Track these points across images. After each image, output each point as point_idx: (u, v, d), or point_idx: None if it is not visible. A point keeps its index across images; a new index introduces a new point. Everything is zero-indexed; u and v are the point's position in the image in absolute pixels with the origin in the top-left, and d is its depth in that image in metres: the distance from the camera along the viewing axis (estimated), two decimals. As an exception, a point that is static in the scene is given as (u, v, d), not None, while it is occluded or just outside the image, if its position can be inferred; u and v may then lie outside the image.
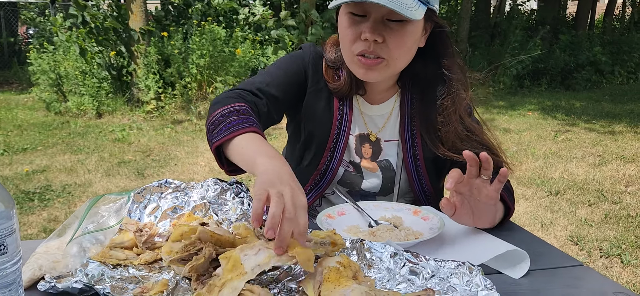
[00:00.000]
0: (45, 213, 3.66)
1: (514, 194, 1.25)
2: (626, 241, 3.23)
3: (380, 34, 1.11)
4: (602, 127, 6.71)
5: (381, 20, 1.12)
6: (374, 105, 1.33)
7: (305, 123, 1.33)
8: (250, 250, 0.83)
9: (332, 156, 1.32)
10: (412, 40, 1.16)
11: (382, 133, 1.34)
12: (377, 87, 1.31)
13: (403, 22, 1.12)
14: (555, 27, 12.13)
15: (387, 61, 1.16)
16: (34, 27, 14.09)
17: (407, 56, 1.20)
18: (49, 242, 0.92)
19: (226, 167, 1.12)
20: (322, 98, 1.31)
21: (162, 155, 5.20)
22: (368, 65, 1.16)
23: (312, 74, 1.31)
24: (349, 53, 1.18)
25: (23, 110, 7.93)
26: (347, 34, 1.16)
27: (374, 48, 1.13)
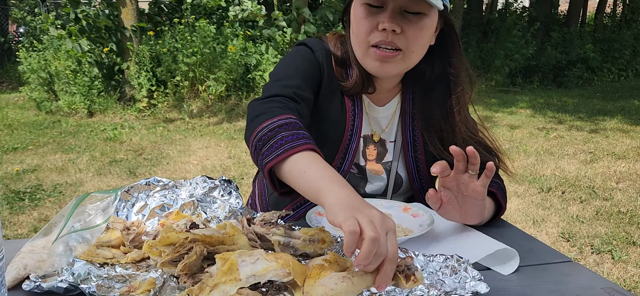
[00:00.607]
0: (35, 213, 3.63)
1: (507, 191, 1.25)
2: (617, 238, 3.25)
3: (398, 25, 1.08)
4: (593, 124, 6.75)
5: (399, 11, 1.10)
6: (379, 106, 1.30)
7: (318, 124, 1.25)
8: (249, 257, 0.82)
9: (343, 158, 1.28)
10: (428, 34, 1.14)
11: (386, 134, 1.32)
12: (385, 86, 1.27)
13: (420, 14, 1.10)
14: (547, 25, 12.18)
15: (404, 53, 1.13)
16: (24, 25, 13.98)
17: (422, 51, 1.17)
18: (34, 241, 0.91)
19: (279, 189, 1.02)
20: (335, 100, 1.25)
21: (154, 154, 5.17)
22: (384, 58, 1.12)
23: (326, 73, 1.24)
24: (364, 45, 1.14)
25: (13, 109, 7.86)
26: (363, 25, 1.12)
27: (392, 38, 1.10)
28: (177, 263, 0.85)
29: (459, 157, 0.96)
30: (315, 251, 0.92)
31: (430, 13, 1.10)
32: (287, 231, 0.94)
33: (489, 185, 1.06)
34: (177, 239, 0.88)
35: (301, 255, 0.93)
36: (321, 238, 0.91)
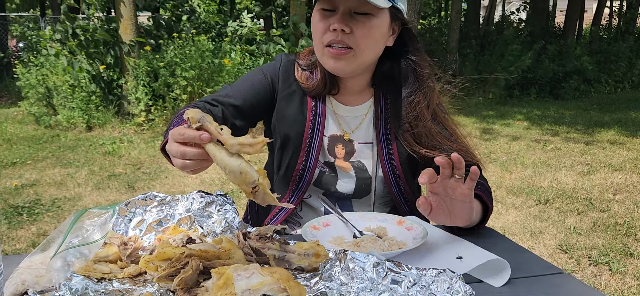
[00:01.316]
0: (34, 228, 3.64)
1: (505, 202, 1.28)
2: (614, 249, 3.26)
3: (347, 25, 1.18)
4: (590, 135, 6.78)
5: (349, 13, 1.20)
6: (348, 106, 1.37)
7: (279, 126, 1.37)
8: (244, 271, 0.83)
9: (308, 156, 1.35)
10: (378, 32, 1.22)
11: (355, 134, 1.37)
12: (351, 88, 1.35)
13: (369, 15, 1.19)
14: (543, 37, 12.27)
15: (355, 51, 1.21)
16: (23, 40, 14.05)
17: (374, 49, 1.25)
18: (32, 257, 0.92)
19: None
20: (294, 101, 1.36)
21: (153, 168, 5.18)
22: (336, 55, 1.22)
23: (282, 79, 1.37)
24: (319, 45, 1.24)
25: (12, 124, 7.88)
26: (318, 28, 1.23)
27: (342, 37, 1.20)
28: (173, 277, 0.86)
29: (445, 164, 0.99)
30: (310, 265, 0.93)
31: (378, 14, 1.20)
32: (283, 246, 0.96)
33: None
34: (173, 254, 0.89)
35: (296, 269, 0.94)
36: (316, 252, 0.92)
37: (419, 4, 6.12)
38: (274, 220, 1.41)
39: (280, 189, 1.40)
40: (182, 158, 0.98)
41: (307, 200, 1.42)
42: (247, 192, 0.93)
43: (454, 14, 11.21)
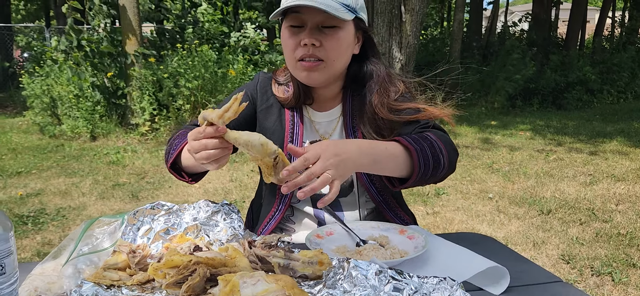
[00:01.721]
0: (39, 237, 3.66)
1: (507, 212, 1.29)
2: (617, 260, 3.26)
3: (317, 39, 1.26)
4: (593, 146, 6.79)
5: (317, 28, 1.27)
6: (322, 112, 1.44)
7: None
8: (250, 278, 0.85)
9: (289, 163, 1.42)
10: (345, 43, 1.30)
11: (333, 137, 1.44)
12: (323, 95, 1.43)
13: (335, 28, 1.27)
14: (545, 48, 12.31)
15: (326, 63, 1.29)
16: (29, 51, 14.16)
17: (343, 58, 1.32)
18: (44, 264, 0.94)
19: (188, 178, 1.34)
20: (273, 113, 1.45)
21: (157, 178, 5.21)
22: (309, 68, 1.29)
23: (260, 95, 1.47)
24: (292, 60, 1.31)
25: (17, 133, 7.94)
26: (289, 44, 1.30)
27: (312, 51, 1.27)
28: (181, 284, 0.89)
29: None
30: (314, 273, 0.95)
31: (343, 26, 1.28)
32: (287, 254, 0.98)
33: (397, 136, 1.25)
34: (181, 262, 0.92)
35: (300, 276, 0.97)
36: (320, 260, 0.94)
37: (421, 15, 6.16)
38: (266, 228, 1.46)
39: (268, 198, 1.48)
40: (205, 150, 1.05)
41: (296, 205, 1.47)
42: (268, 166, 1.02)
43: (456, 24, 11.26)
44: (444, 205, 4.42)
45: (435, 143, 1.21)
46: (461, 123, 8.42)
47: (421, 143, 1.19)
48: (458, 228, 3.88)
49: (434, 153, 1.19)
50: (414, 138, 1.20)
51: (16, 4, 23.20)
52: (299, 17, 1.26)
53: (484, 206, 4.38)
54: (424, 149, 1.18)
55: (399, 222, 1.40)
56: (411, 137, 1.21)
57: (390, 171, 1.16)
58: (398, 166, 1.16)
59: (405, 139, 1.19)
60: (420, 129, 1.29)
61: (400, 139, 1.19)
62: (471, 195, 4.68)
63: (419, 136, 1.22)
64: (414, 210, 4.31)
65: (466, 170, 5.56)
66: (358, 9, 1.30)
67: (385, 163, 1.14)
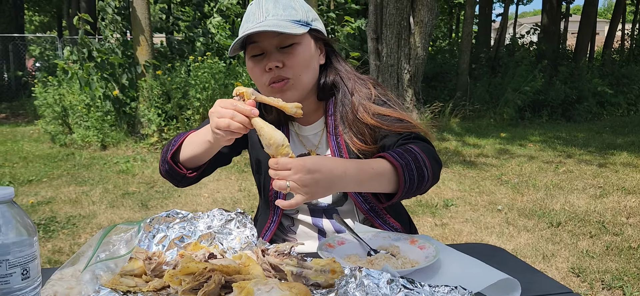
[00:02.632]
0: (49, 245, 3.70)
1: (516, 225, 1.29)
2: (628, 273, 3.24)
3: (278, 61, 1.29)
4: (603, 158, 6.75)
5: (276, 50, 1.31)
6: (307, 125, 1.47)
7: (251, 151, 1.52)
8: (264, 286, 0.87)
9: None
10: (307, 56, 1.33)
11: (320, 149, 1.46)
12: (305, 110, 1.42)
13: (293, 45, 1.30)
14: (555, 60, 12.28)
15: (293, 79, 1.32)
16: (41, 60, 14.34)
17: (309, 71, 1.35)
18: (63, 270, 0.97)
19: (186, 170, 1.37)
20: None
21: (166, 187, 5.25)
22: (280, 89, 1.32)
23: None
24: (262, 87, 1.35)
25: (29, 142, 8.03)
26: (255, 73, 1.34)
27: (278, 73, 1.30)
28: (196, 291, 0.90)
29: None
30: (327, 281, 0.97)
31: (301, 41, 1.31)
32: (300, 262, 1.00)
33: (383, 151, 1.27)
34: (196, 269, 0.93)
35: (313, 284, 0.98)
36: (332, 268, 0.95)
37: (430, 27, 6.18)
38: (266, 235, 1.49)
39: (264, 209, 1.53)
40: (231, 119, 1.10)
41: (294, 216, 1.50)
42: None
43: (464, 36, 11.28)
44: (453, 216, 4.42)
45: (419, 156, 1.21)
46: (470, 135, 8.41)
47: (406, 158, 1.20)
48: (467, 240, 3.87)
49: (418, 167, 1.20)
50: (398, 152, 1.21)
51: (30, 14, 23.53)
52: (257, 45, 1.31)
53: (492, 218, 4.36)
54: (409, 164, 1.19)
55: (390, 230, 1.42)
56: (396, 151, 1.22)
57: (375, 189, 1.18)
58: (383, 184, 1.17)
59: (391, 155, 1.19)
60: (403, 140, 1.30)
61: (386, 155, 1.19)
62: (480, 207, 4.67)
63: (403, 150, 1.22)
64: (422, 221, 4.32)
65: (475, 182, 5.55)
66: (311, 21, 1.33)
67: (371, 184, 1.16)
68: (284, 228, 1.52)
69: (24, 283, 0.72)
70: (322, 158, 1.12)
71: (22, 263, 0.71)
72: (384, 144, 1.34)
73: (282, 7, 1.29)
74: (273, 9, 1.28)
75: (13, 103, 12.91)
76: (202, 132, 1.31)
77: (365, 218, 1.47)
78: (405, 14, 6.01)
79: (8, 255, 0.70)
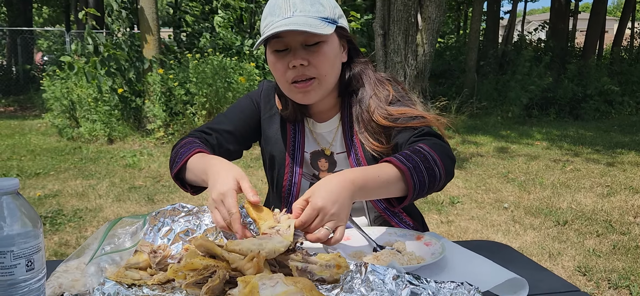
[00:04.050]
0: (56, 238, 3.72)
1: (523, 223, 1.27)
2: (635, 273, 3.21)
3: (304, 58, 1.25)
4: (610, 157, 6.70)
5: (301, 47, 1.26)
6: (322, 122, 1.45)
7: (265, 146, 1.50)
8: (269, 280, 0.86)
9: (292, 172, 1.46)
10: (332, 55, 1.30)
11: (334, 147, 1.45)
12: (320, 107, 1.43)
13: (319, 43, 1.27)
14: (563, 58, 12.20)
15: (319, 79, 1.29)
16: (49, 54, 14.42)
17: (333, 70, 1.33)
18: (68, 262, 0.97)
19: (190, 190, 1.34)
20: (275, 122, 1.47)
21: (172, 182, 5.25)
22: (303, 88, 1.29)
23: (264, 103, 1.49)
24: (285, 84, 1.32)
25: (36, 135, 8.07)
26: (277, 69, 1.30)
27: (303, 71, 1.27)
28: (201, 285, 0.90)
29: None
30: (332, 276, 0.96)
31: (327, 39, 1.27)
32: (305, 257, 0.99)
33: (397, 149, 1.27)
34: (200, 264, 0.93)
35: (318, 280, 0.98)
36: (337, 263, 0.95)
37: (438, 23, 6.15)
38: None
39: (275, 203, 1.51)
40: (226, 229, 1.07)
41: None
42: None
43: (472, 33, 11.22)
44: (459, 213, 4.40)
45: (429, 155, 1.17)
46: (477, 133, 8.37)
47: (414, 160, 1.15)
48: (472, 237, 3.86)
49: (428, 167, 1.15)
50: (406, 155, 1.16)
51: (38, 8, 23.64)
52: (281, 41, 1.26)
53: (499, 216, 4.34)
54: (418, 165, 1.14)
55: (405, 227, 1.41)
56: (403, 154, 1.17)
57: (384, 196, 1.16)
58: (391, 191, 1.14)
59: (398, 159, 1.15)
60: (414, 138, 1.27)
61: (392, 160, 1.15)
62: (486, 205, 4.65)
63: (412, 151, 1.18)
64: (428, 218, 4.30)
65: (481, 179, 5.53)
66: (337, 19, 1.29)
67: (378, 192, 1.13)
68: None
69: (28, 275, 0.72)
70: (328, 182, 1.07)
71: (27, 254, 0.71)
72: (397, 142, 1.32)
73: (309, 2, 1.24)
74: (301, 4, 1.23)
75: (21, 97, 12.98)
76: (205, 163, 1.21)
77: (379, 216, 1.46)
78: (412, 10, 5.99)
79: (13, 246, 0.70)
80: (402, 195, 1.16)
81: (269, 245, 0.95)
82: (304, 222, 1.03)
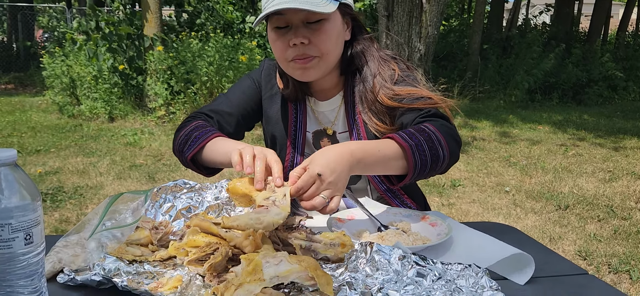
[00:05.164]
0: (57, 214, 3.71)
1: (524, 207, 1.25)
2: (635, 258, 3.21)
3: (305, 37, 1.23)
4: (613, 142, 6.67)
5: (302, 25, 1.24)
6: (324, 101, 1.43)
7: (266, 127, 1.48)
8: (272, 258, 0.85)
9: (294, 152, 1.44)
10: (335, 33, 1.27)
11: (336, 126, 1.43)
12: (322, 86, 1.41)
13: (321, 21, 1.24)
14: (567, 42, 12.09)
15: (319, 58, 1.27)
16: (50, 31, 14.32)
17: (335, 49, 1.30)
18: (68, 237, 0.95)
19: (204, 172, 1.33)
20: (276, 102, 1.45)
21: (173, 160, 5.25)
22: (304, 65, 1.26)
23: (264, 83, 1.47)
24: (283, 62, 1.30)
25: (37, 112, 8.04)
26: (277, 46, 1.28)
27: (303, 50, 1.24)
28: (203, 262, 0.89)
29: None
30: (336, 255, 0.95)
31: (329, 17, 1.24)
32: (309, 236, 0.98)
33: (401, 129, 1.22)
34: (202, 242, 0.92)
35: (322, 258, 0.96)
36: (342, 242, 0.93)
37: (442, 5, 6.08)
38: None
39: None
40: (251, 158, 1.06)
41: None
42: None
43: (476, 16, 11.12)
44: (460, 196, 4.39)
45: (433, 135, 1.14)
46: (479, 116, 8.34)
47: (417, 138, 1.13)
48: (473, 220, 3.85)
49: (432, 146, 1.13)
50: (409, 133, 1.14)
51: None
52: (283, 17, 1.23)
53: (500, 199, 4.34)
54: (420, 144, 1.12)
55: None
56: (407, 131, 1.15)
57: (384, 172, 1.13)
58: (392, 167, 1.12)
59: (400, 136, 1.12)
60: (420, 119, 1.24)
61: (394, 136, 1.13)
62: (487, 188, 4.64)
63: (416, 129, 1.16)
64: (429, 201, 4.28)
65: (483, 163, 5.51)
66: None
67: (378, 167, 1.10)
68: (296, 202, 1.50)
69: (27, 248, 0.70)
70: (327, 151, 1.05)
71: (25, 227, 0.70)
72: (402, 122, 1.30)
73: None
74: None
75: (22, 74, 12.92)
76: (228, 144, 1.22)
77: (380, 197, 1.44)
78: (417, -9, 5.91)
79: (11, 219, 0.68)
80: (403, 173, 1.13)
81: (267, 218, 0.93)
82: (300, 188, 1.01)
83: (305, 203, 1.01)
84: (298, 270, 0.82)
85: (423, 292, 0.83)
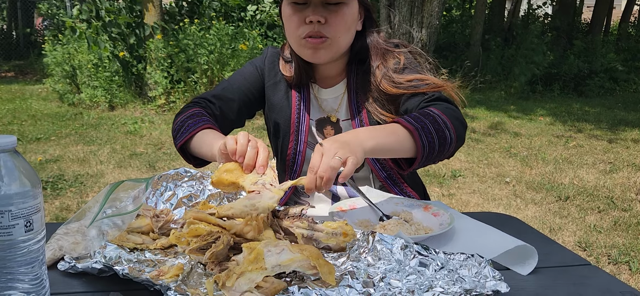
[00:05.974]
0: (57, 202, 3.72)
1: (524, 197, 1.25)
2: (635, 249, 3.21)
3: (322, 16, 1.23)
4: (614, 134, 6.66)
5: (321, 4, 1.24)
6: (327, 88, 1.43)
7: (269, 114, 1.47)
8: (274, 247, 0.84)
9: (297, 139, 1.43)
10: (350, 19, 1.29)
11: (339, 113, 1.43)
12: (326, 73, 1.41)
13: (340, 4, 1.25)
14: (569, 33, 12.04)
15: (331, 40, 1.27)
16: (50, 18, 14.25)
17: (348, 35, 1.31)
18: (69, 224, 0.95)
19: (193, 162, 1.32)
20: (280, 90, 1.45)
21: (173, 149, 5.22)
22: (315, 45, 1.27)
23: (268, 70, 1.46)
24: (295, 38, 1.29)
25: (37, 100, 8.03)
26: (292, 21, 1.28)
27: (318, 28, 1.25)
28: (204, 250, 0.88)
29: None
30: (338, 244, 0.94)
31: (348, 2, 1.26)
32: (311, 225, 0.97)
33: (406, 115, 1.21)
34: (204, 230, 0.91)
35: (324, 248, 0.96)
36: (344, 231, 0.93)
37: (444, -6, 6.05)
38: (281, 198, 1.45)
39: (279, 172, 1.48)
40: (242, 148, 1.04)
41: None
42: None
43: (478, 6, 11.06)
44: (460, 187, 4.39)
45: (439, 118, 1.14)
46: (480, 107, 8.32)
47: (423, 121, 1.12)
48: (474, 210, 3.85)
49: (438, 129, 1.12)
50: (415, 116, 1.14)
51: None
52: None
53: (500, 190, 4.33)
54: (426, 126, 1.11)
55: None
56: (412, 116, 1.15)
57: (393, 155, 1.12)
58: (400, 150, 1.11)
59: (406, 120, 1.12)
60: (425, 103, 1.24)
61: (400, 120, 1.13)
62: (488, 179, 4.63)
63: (421, 113, 1.16)
64: (429, 191, 4.27)
65: (483, 153, 5.50)
66: None
67: (386, 150, 1.09)
68: (298, 191, 1.50)
69: (27, 236, 0.70)
70: (336, 136, 1.06)
71: (25, 214, 0.69)
72: (407, 107, 1.30)
73: None
74: None
75: (21, 62, 12.88)
76: (214, 136, 1.22)
77: (382, 186, 1.44)
78: (419, -20, 5.88)
79: (11, 205, 0.68)
80: (412, 156, 1.13)
81: (262, 203, 0.93)
82: (313, 165, 0.97)
83: (321, 170, 0.96)
84: (300, 259, 0.82)
85: (425, 282, 0.83)
